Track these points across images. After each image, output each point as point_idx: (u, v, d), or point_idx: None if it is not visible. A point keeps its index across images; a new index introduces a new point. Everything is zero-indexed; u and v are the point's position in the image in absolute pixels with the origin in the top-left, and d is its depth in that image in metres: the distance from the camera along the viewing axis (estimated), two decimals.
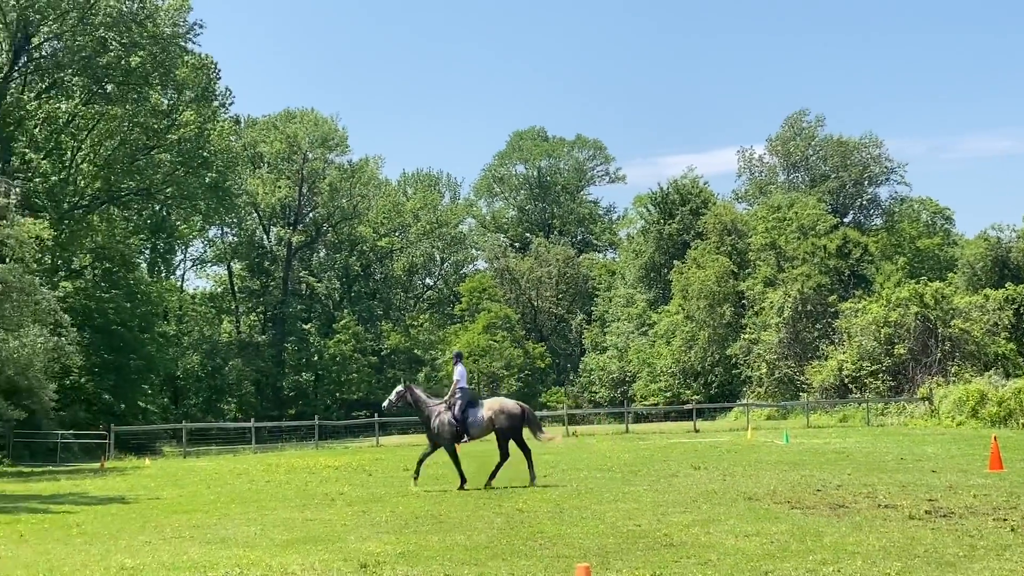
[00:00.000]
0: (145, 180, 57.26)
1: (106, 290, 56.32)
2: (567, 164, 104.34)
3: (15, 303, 35.33)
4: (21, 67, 50.50)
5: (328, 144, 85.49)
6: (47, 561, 12.53)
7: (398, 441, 48.06)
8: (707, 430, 46.06)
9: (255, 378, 77.04)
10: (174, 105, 57.56)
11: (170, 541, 14.19)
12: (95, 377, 53.31)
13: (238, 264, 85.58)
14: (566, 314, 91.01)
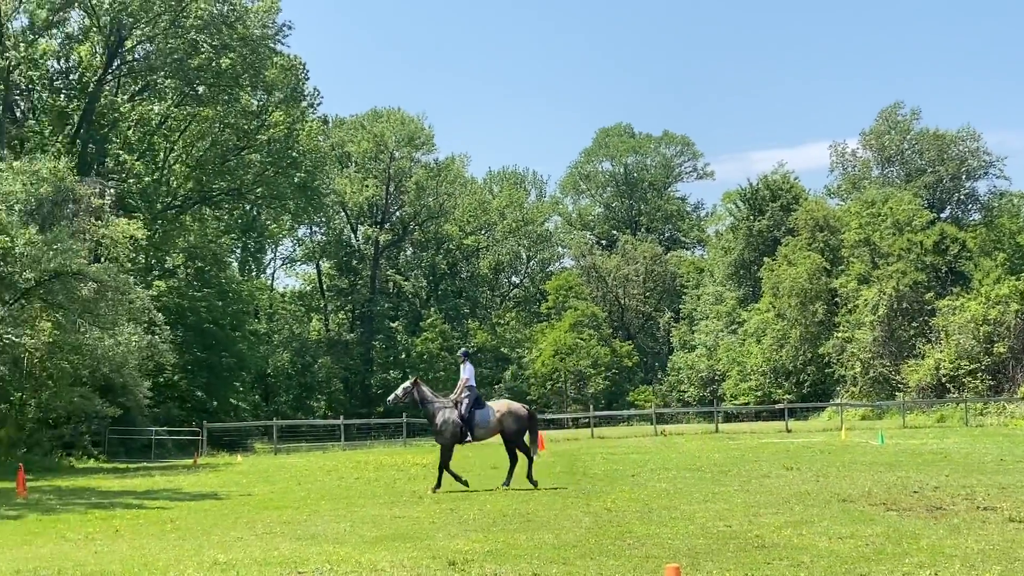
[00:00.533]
0: (236, 180, 58.15)
1: (198, 289, 57.27)
2: (654, 161, 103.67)
3: (110, 302, 35.98)
4: (115, 70, 51.59)
5: (415, 143, 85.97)
6: (142, 556, 12.66)
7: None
8: (799, 430, 45.37)
9: (343, 376, 77.85)
10: (264, 106, 58.28)
11: (262, 537, 14.30)
12: (188, 375, 54.22)
13: (326, 263, 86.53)
14: (654, 312, 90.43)
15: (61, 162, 39.85)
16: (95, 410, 37.62)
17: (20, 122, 50.40)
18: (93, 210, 39.48)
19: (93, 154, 50.43)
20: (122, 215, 43.31)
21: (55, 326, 35.76)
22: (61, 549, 13.65)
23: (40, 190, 37.17)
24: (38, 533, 15.66)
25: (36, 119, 52.07)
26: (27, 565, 11.99)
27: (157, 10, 49.75)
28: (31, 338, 33.41)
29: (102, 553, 13.12)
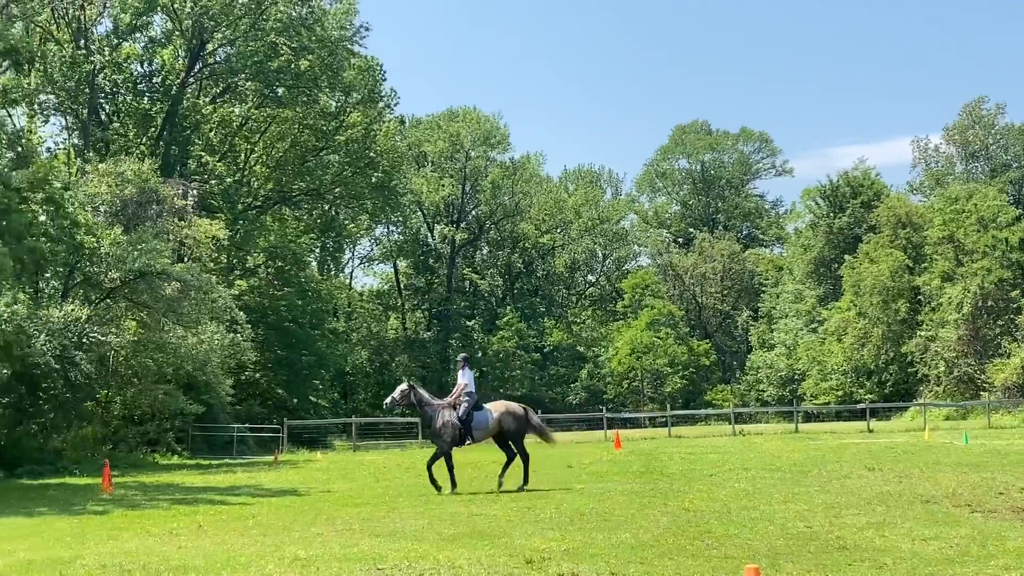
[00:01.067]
0: (315, 181, 58.81)
1: (279, 288, 57.94)
2: (731, 157, 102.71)
3: (193, 301, 36.59)
4: (196, 73, 52.47)
5: (490, 142, 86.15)
6: (224, 551, 12.80)
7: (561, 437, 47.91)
8: (881, 430, 44.58)
9: (421, 374, 78.23)
10: (342, 107, 58.83)
11: (341, 533, 14.36)
12: (269, 372, 54.87)
13: (403, 262, 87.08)
14: (731, 310, 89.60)
15: (145, 164, 40.56)
16: (179, 407, 38.17)
17: (105, 125, 51.44)
18: (176, 211, 40.09)
19: (176, 156, 51.30)
20: (204, 215, 44.04)
21: (140, 325, 36.42)
22: (146, 544, 13.86)
23: (125, 191, 37.93)
24: (124, 528, 15.92)
25: (121, 122, 53.07)
26: (113, 560, 12.19)
27: (238, 13, 50.50)
28: (117, 337, 34.04)
29: (186, 548, 13.30)
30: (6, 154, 29.85)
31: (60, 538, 14.75)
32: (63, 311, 32.82)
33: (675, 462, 27.31)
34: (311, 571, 11.10)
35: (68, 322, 32.30)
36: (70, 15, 49.41)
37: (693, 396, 76.99)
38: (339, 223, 71.31)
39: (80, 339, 32.36)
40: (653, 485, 20.60)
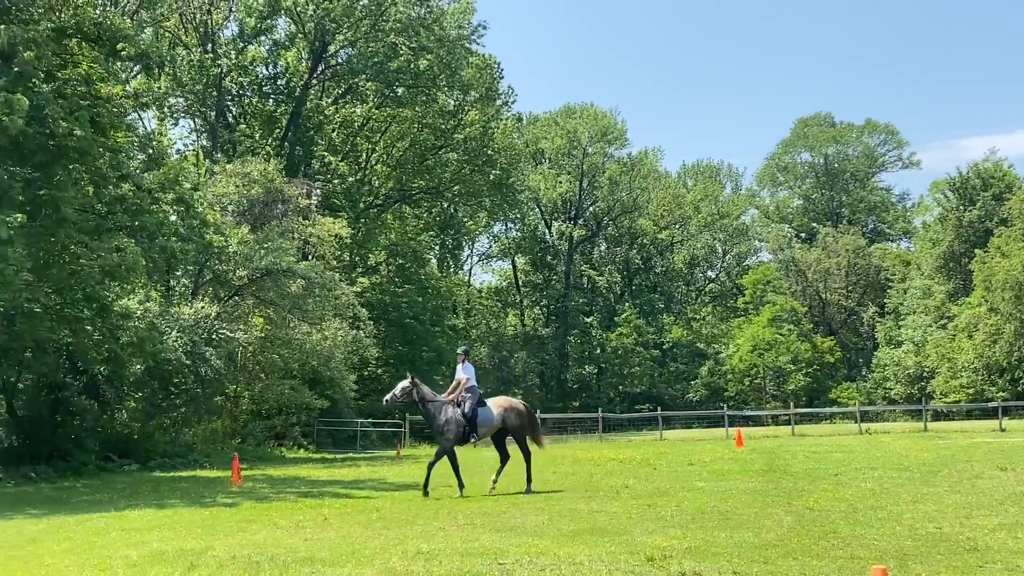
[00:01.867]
0: (434, 179, 59.40)
1: (399, 285, 58.66)
2: (856, 150, 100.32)
3: (317, 298, 37.25)
4: (319, 74, 53.46)
5: (607, 138, 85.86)
6: (349, 544, 12.93)
7: (682, 435, 47.65)
8: (1015, 429, 43.01)
9: (539, 370, 78.47)
10: (460, 105, 59.26)
11: (462, 528, 14.40)
12: (391, 368, 55.47)
13: (521, 259, 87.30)
14: (856, 307, 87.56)
15: (271, 164, 41.47)
16: (304, 402, 38.92)
17: (232, 127, 52.76)
18: (301, 210, 40.87)
19: (300, 156, 52.33)
20: (327, 214, 44.80)
21: (266, 321, 37.20)
22: (274, 536, 14.08)
23: (252, 191, 38.83)
24: (252, 520, 16.23)
25: (247, 123, 54.33)
26: (242, 551, 12.44)
27: (359, 15, 51.29)
28: (244, 333, 34.81)
29: (312, 540, 13.46)
30: (138, 156, 30.73)
31: (191, 529, 15.10)
32: (193, 308, 33.70)
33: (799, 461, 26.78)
34: (434, 564, 11.16)
35: (198, 319, 33.13)
36: (197, 20, 50.85)
37: (817, 394, 75.46)
38: (458, 220, 71.88)
39: (210, 335, 33.16)
40: (776, 484, 20.21)
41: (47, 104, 23.10)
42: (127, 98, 28.93)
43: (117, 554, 12.48)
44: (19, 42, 23.02)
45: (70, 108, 24.10)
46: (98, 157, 25.05)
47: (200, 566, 11.39)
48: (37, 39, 23.46)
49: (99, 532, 15.11)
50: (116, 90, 27.13)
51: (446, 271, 76.72)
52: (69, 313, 26.14)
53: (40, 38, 23.55)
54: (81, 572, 11.26)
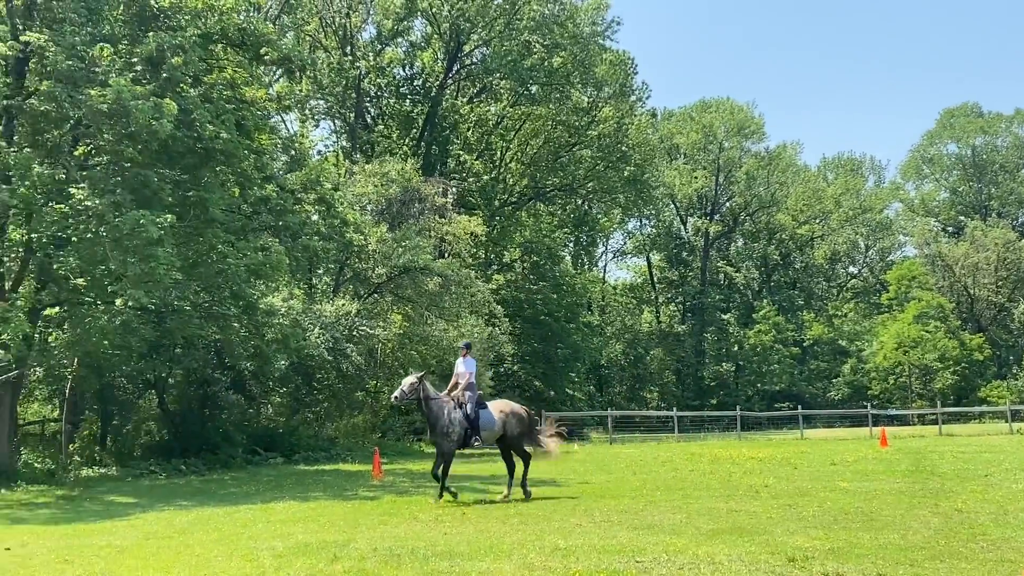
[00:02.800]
0: (568, 176, 59.38)
1: (534, 282, 58.81)
2: (1005, 141, 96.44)
3: (454, 295, 37.63)
4: (454, 74, 54.04)
5: (744, 132, 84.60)
6: (487, 539, 13.03)
7: (823, 434, 46.61)
8: None
9: (676, 367, 77.78)
10: (594, 102, 59.12)
11: (599, 525, 14.37)
12: (526, 365, 55.79)
13: (657, 255, 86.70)
14: (1007, 303, 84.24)
15: (408, 164, 42.05)
16: None
17: (370, 127, 53.72)
18: (437, 208, 41.32)
19: (436, 155, 52.99)
20: (463, 212, 45.18)
21: (404, 318, 37.72)
22: (413, 529, 14.27)
23: (390, 191, 39.42)
24: (393, 514, 16.46)
25: (385, 124, 55.23)
26: (383, 544, 12.62)
27: (493, 14, 51.67)
28: (383, 330, 35.39)
29: (451, 535, 13.58)
30: (281, 158, 31.45)
31: (334, 522, 15.39)
32: (335, 306, 34.39)
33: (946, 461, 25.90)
34: (571, 561, 11.14)
35: (339, 316, 33.79)
36: (337, 23, 51.94)
37: (965, 392, 72.87)
38: (592, 217, 71.73)
39: (350, 332, 33.79)
40: (922, 484, 19.58)
41: (194, 108, 23.73)
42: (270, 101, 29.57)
43: (263, 545, 12.80)
44: (167, 48, 23.77)
45: (216, 112, 24.70)
46: (243, 159, 25.61)
47: (343, 558, 11.59)
48: (184, 45, 24.16)
49: (246, 523, 15.53)
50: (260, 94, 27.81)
51: (580, 268, 76.60)
52: (217, 311, 26.90)
53: (187, 44, 24.25)
54: (229, 562, 11.55)
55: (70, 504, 19.42)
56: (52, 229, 22.89)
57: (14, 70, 24.01)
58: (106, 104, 21.73)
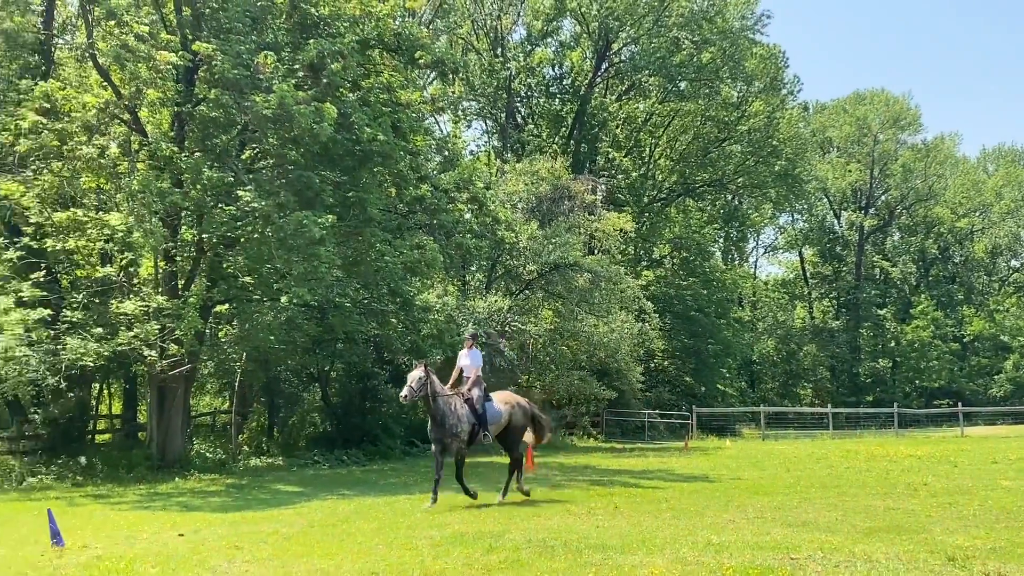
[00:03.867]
0: (717, 171, 58.67)
1: (684, 278, 58.31)
2: None
3: (604, 291, 37.62)
4: (603, 72, 53.94)
5: (899, 124, 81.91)
6: (639, 532, 13.00)
7: (985, 432, 44.88)
8: None
9: (830, 363, 75.98)
10: (743, 97, 58.26)
11: (753, 521, 14.25)
12: (676, 360, 55.34)
13: (809, 250, 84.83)
14: None
15: (557, 162, 42.18)
16: (593, 392, 39.37)
17: (520, 127, 54.09)
18: (586, 206, 41.34)
19: (585, 153, 53.02)
20: (612, 209, 45.10)
21: (555, 314, 37.88)
22: (566, 522, 14.31)
23: (540, 189, 39.63)
24: (545, 506, 16.59)
25: (534, 123, 55.51)
26: (537, 535, 12.72)
27: (641, 12, 51.41)
28: (535, 325, 35.61)
29: (603, 528, 13.61)
30: (435, 158, 31.97)
31: (489, 512, 15.59)
32: (487, 302, 34.75)
33: None
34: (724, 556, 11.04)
35: (491, 312, 34.13)
36: (488, 25, 52.48)
37: None
38: (742, 212, 70.71)
39: (502, 327, 34.11)
40: None
41: (353, 112, 24.31)
42: (425, 103, 30.06)
43: (421, 534, 13.01)
44: (327, 55, 24.42)
45: (373, 115, 25.25)
46: (399, 160, 26.06)
47: (498, 548, 11.71)
48: (343, 51, 24.79)
49: (404, 513, 15.84)
50: (415, 96, 28.33)
51: (731, 264, 75.59)
52: (375, 307, 27.53)
53: (346, 50, 24.86)
54: (389, 551, 11.77)
55: (239, 492, 20.14)
56: (221, 230, 23.78)
57: (185, 79, 25.00)
58: (270, 110, 22.43)
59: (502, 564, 10.69)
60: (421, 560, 10.99)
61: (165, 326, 23.21)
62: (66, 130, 23.34)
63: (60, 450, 24.47)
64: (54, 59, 26.63)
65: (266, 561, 11.14)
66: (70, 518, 15.24)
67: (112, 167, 24.36)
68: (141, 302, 22.89)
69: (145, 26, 24.03)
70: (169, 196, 22.92)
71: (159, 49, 23.53)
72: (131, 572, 10.47)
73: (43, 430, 25.26)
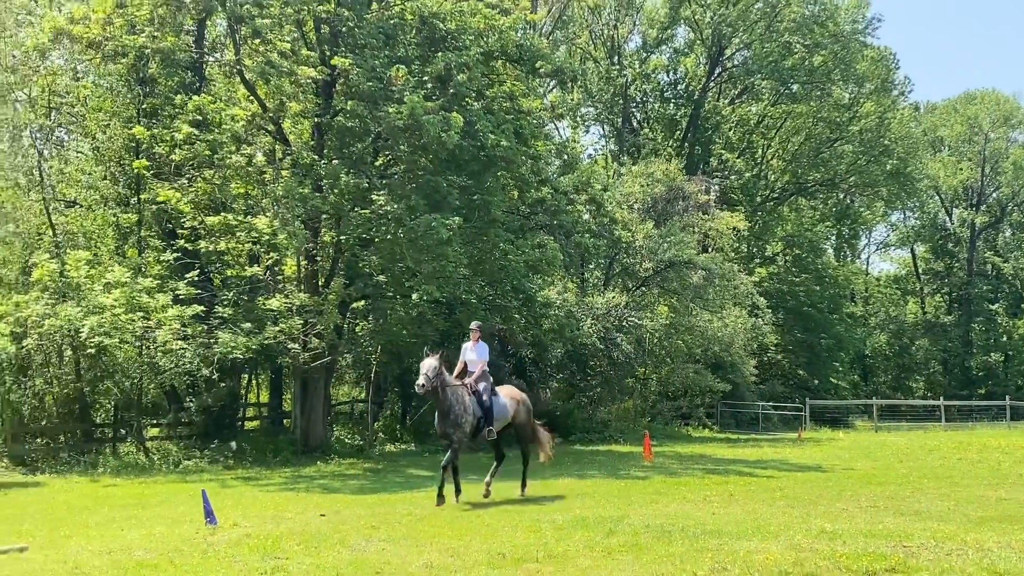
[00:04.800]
0: (829, 171, 57.31)
1: (796, 275, 57.16)
2: None
3: (717, 288, 37.11)
4: (716, 77, 53.20)
5: (1010, 123, 78.73)
6: (754, 519, 12.80)
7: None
8: None
9: (942, 357, 73.61)
10: (855, 98, 56.81)
11: (865, 510, 13.91)
12: (789, 354, 54.29)
13: (921, 247, 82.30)
14: None
15: (672, 164, 41.79)
16: (707, 385, 38.91)
17: (636, 131, 53.74)
18: (700, 205, 40.84)
19: (699, 155, 52.40)
20: (725, 209, 44.47)
21: (670, 310, 37.53)
22: (683, 508, 14.17)
23: (655, 190, 39.32)
24: (663, 493, 16.45)
25: (650, 127, 55.06)
26: (655, 520, 12.59)
27: (753, 18, 50.60)
28: (651, 320, 35.33)
29: (719, 515, 13.44)
30: (555, 162, 31.99)
31: (608, 498, 15.53)
32: (605, 298, 34.63)
33: None
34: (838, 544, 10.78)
35: (609, 308, 33.98)
36: (605, 35, 52.32)
37: None
38: (854, 211, 68.97)
39: (620, 323, 33.92)
40: None
41: (478, 120, 24.45)
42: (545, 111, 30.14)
43: (545, 518, 12.99)
44: (454, 67, 24.63)
45: (497, 122, 25.35)
46: (521, 165, 26.14)
47: (618, 532, 11.63)
48: (469, 63, 24.96)
49: (528, 497, 15.86)
50: (535, 104, 28.39)
51: (843, 260, 73.80)
52: (499, 303, 27.67)
53: (471, 62, 25.03)
54: (515, 533, 11.78)
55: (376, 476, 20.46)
56: (357, 231, 24.27)
57: (323, 92, 25.54)
58: (402, 120, 22.73)
59: (622, 547, 10.61)
60: (545, 542, 10.97)
61: (307, 321, 23.78)
62: (217, 140, 24.02)
63: (213, 436, 25.21)
64: (205, 75, 27.44)
65: (401, 540, 11.25)
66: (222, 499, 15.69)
67: (258, 174, 25.02)
68: (285, 299, 23.47)
69: (287, 43, 24.64)
70: (310, 201, 23.48)
71: (300, 64, 24.08)
72: (277, 549, 10.70)
73: (197, 417, 26.03)
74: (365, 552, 10.62)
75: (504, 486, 16.66)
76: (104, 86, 26.18)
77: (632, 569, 9.45)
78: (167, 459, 23.03)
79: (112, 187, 26.69)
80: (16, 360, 23.89)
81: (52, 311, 22.14)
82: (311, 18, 25.10)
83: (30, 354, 23.70)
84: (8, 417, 24.07)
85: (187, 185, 24.97)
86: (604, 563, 9.74)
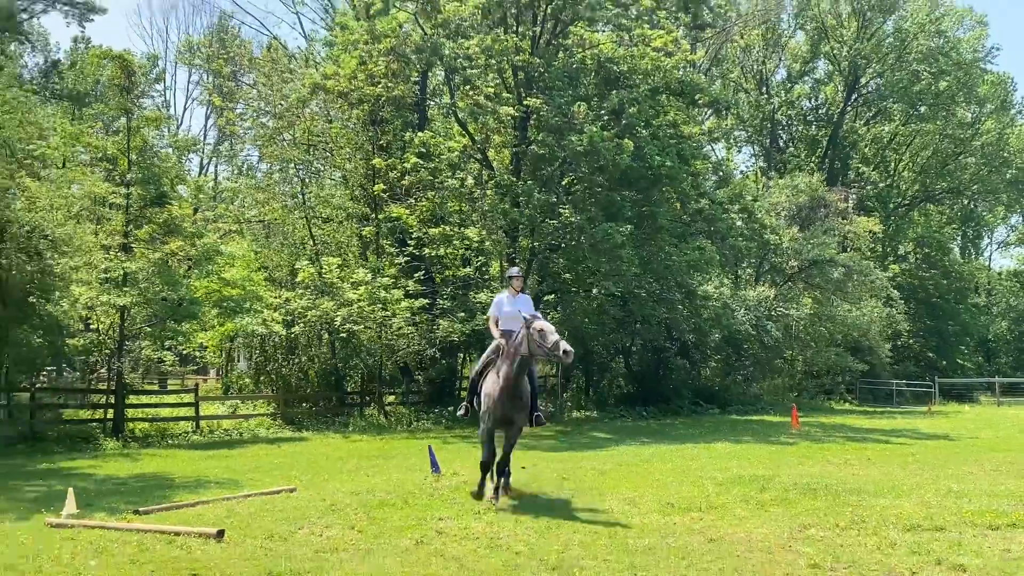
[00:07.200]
0: (954, 180, 53.80)
1: (926, 270, 53.80)
2: None
3: (855, 282, 35.57)
4: (852, 102, 50.79)
5: None
6: (888, 479, 12.17)
7: None
8: None
9: None
10: (976, 117, 53.14)
11: (989, 473, 13.01)
12: (920, 339, 51.09)
13: None
14: None
15: (814, 177, 40.26)
16: (847, 365, 37.51)
17: (782, 150, 51.89)
18: (839, 212, 39.24)
19: (838, 169, 50.23)
20: (862, 214, 42.41)
21: (814, 301, 36.04)
22: (826, 470, 13.51)
23: (799, 200, 37.81)
24: (808, 456, 15.65)
25: (794, 146, 53.17)
26: (801, 480, 12.03)
27: (885, 51, 48.53)
28: (797, 310, 33.99)
29: (858, 475, 12.77)
30: (712, 178, 31.11)
31: (760, 460, 14.89)
32: (756, 292, 33.47)
33: None
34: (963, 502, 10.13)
35: (760, 300, 32.87)
36: (755, 69, 50.79)
37: None
38: (977, 215, 64.23)
39: (769, 312, 32.76)
40: None
41: (645, 145, 24.17)
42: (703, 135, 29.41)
43: (706, 475, 12.63)
44: (626, 102, 24.27)
45: (662, 146, 25.03)
46: (683, 181, 25.86)
47: (769, 488, 11.25)
48: (638, 98, 24.61)
49: (692, 458, 15.43)
50: (695, 130, 27.72)
51: (967, 258, 68.73)
52: (665, 296, 27.08)
53: (640, 97, 24.68)
54: (681, 487, 11.51)
55: (565, 438, 20.23)
56: (548, 239, 24.36)
57: (520, 126, 25.56)
58: (582, 147, 22.74)
59: (773, 501, 10.32)
60: (707, 495, 10.75)
61: None
62: (437, 168, 24.59)
63: (436, 402, 25.55)
64: (427, 116, 27.92)
65: (587, 491, 11.15)
66: (444, 453, 15.73)
67: (469, 194, 25.41)
68: (491, 294, 23.56)
69: (491, 88, 24.82)
70: (510, 214, 23.75)
71: (501, 105, 24.16)
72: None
73: (424, 387, 26.55)
74: (557, 498, 10.68)
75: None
76: (349, 127, 26.95)
77: (782, 520, 9.19)
78: (401, 421, 23.44)
79: (356, 207, 27.48)
80: (286, 342, 24.93)
81: (313, 304, 23.01)
82: (510, 67, 25.13)
83: (297, 338, 24.66)
84: (280, 387, 25.17)
85: (414, 204, 25.46)
86: (758, 514, 9.55)
